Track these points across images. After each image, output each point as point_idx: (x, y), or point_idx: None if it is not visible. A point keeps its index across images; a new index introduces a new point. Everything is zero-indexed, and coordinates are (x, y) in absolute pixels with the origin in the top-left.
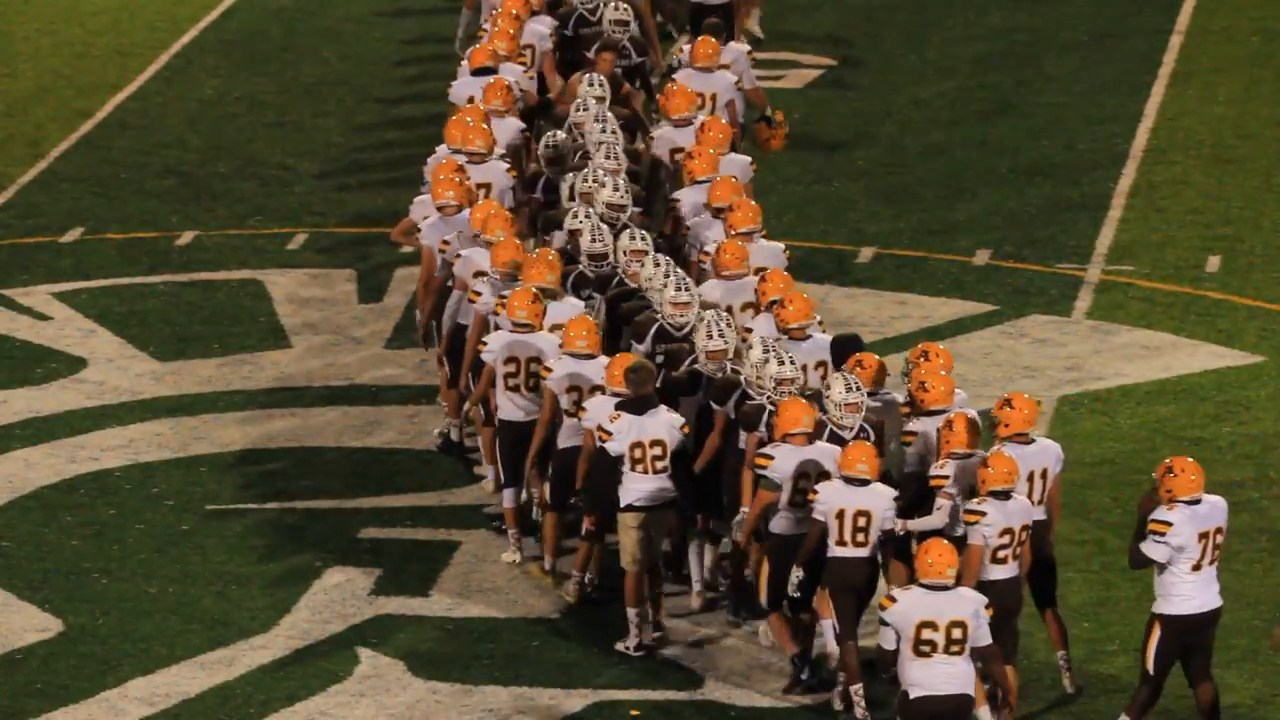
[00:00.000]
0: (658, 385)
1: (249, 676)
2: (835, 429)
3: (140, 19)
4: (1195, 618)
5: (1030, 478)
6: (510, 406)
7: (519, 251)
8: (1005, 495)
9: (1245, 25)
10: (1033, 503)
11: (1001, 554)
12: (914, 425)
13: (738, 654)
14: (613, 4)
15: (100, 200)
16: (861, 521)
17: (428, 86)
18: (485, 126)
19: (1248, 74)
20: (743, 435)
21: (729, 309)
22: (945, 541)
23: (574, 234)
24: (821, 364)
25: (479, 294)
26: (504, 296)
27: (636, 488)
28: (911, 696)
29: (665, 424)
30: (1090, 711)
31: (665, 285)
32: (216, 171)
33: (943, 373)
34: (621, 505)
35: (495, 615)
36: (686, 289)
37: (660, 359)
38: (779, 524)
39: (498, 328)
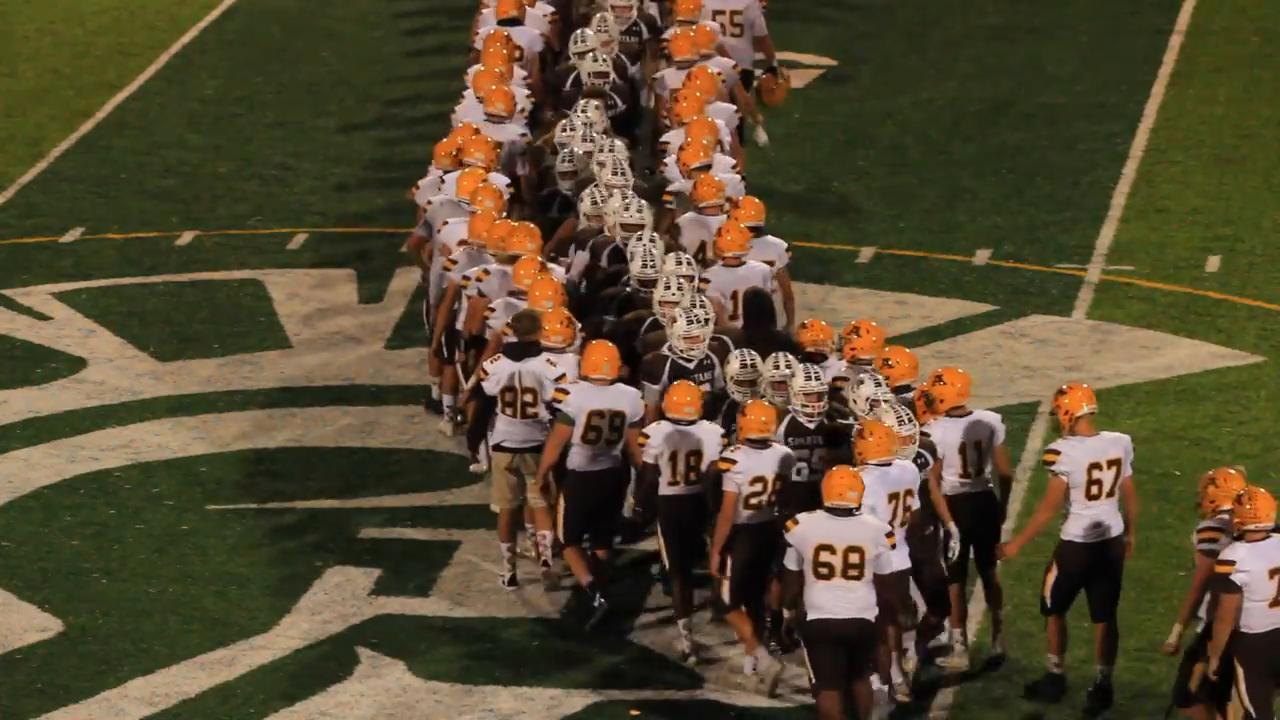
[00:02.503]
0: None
1: (249, 676)
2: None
3: (140, 19)
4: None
5: (963, 449)
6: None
7: (497, 223)
8: (762, 444)
9: (1245, 25)
10: (971, 475)
11: (754, 500)
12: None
13: (738, 654)
14: (590, 56)
15: (100, 200)
16: (693, 460)
17: (428, 86)
18: (508, 89)
19: (1248, 74)
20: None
21: (702, 245)
22: (849, 467)
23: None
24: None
25: (454, 262)
26: (488, 270)
27: (505, 429)
28: (810, 618)
29: (539, 371)
30: (1090, 712)
31: (678, 317)
32: (216, 171)
33: (905, 348)
34: (491, 444)
35: (495, 615)
36: (700, 322)
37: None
38: (574, 459)
39: (480, 295)
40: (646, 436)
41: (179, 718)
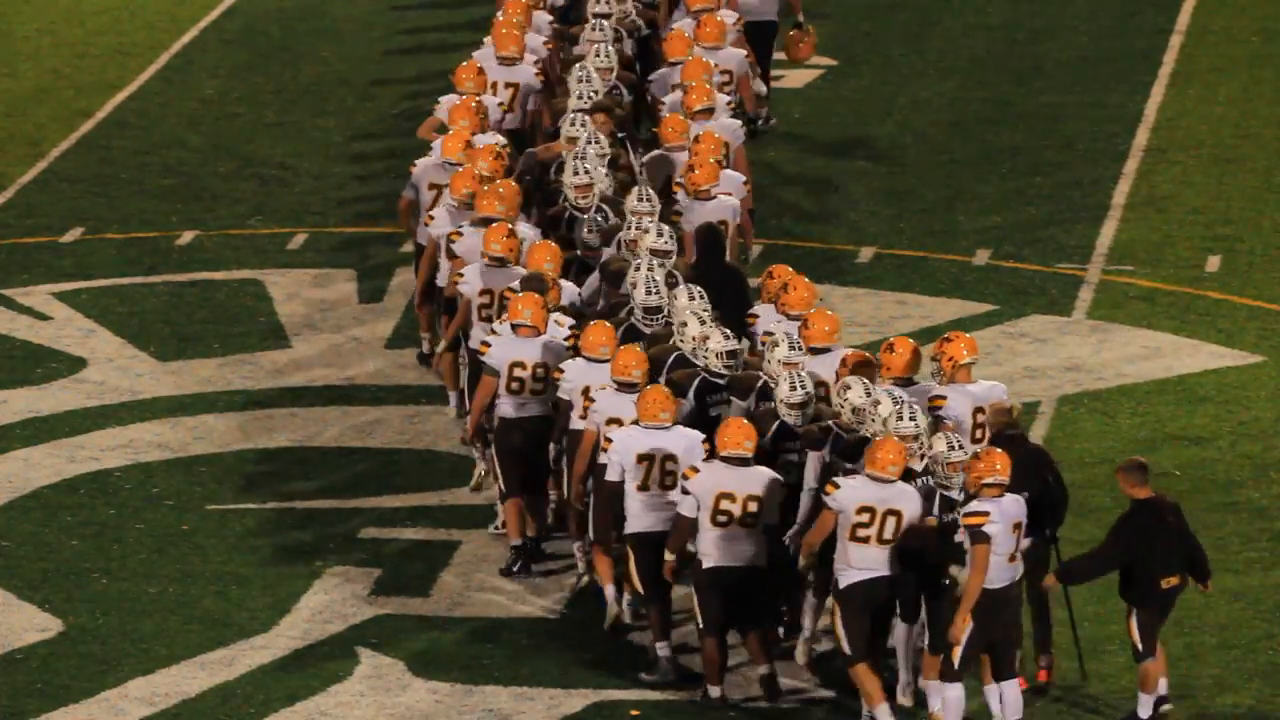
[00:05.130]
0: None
1: (249, 676)
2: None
3: (140, 19)
4: (650, 535)
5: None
6: (481, 337)
7: (475, 182)
8: (630, 388)
9: (1245, 25)
10: None
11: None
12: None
13: (738, 654)
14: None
15: (100, 200)
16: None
17: (428, 86)
18: (518, 33)
19: (1248, 74)
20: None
21: (669, 179)
22: (744, 420)
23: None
24: (722, 222)
25: (433, 218)
26: (460, 229)
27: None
28: (704, 566)
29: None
30: (1089, 711)
31: (710, 334)
32: (216, 171)
33: (827, 310)
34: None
35: (495, 615)
36: (729, 337)
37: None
38: (504, 408)
39: (452, 256)
40: (561, 372)
41: (179, 718)
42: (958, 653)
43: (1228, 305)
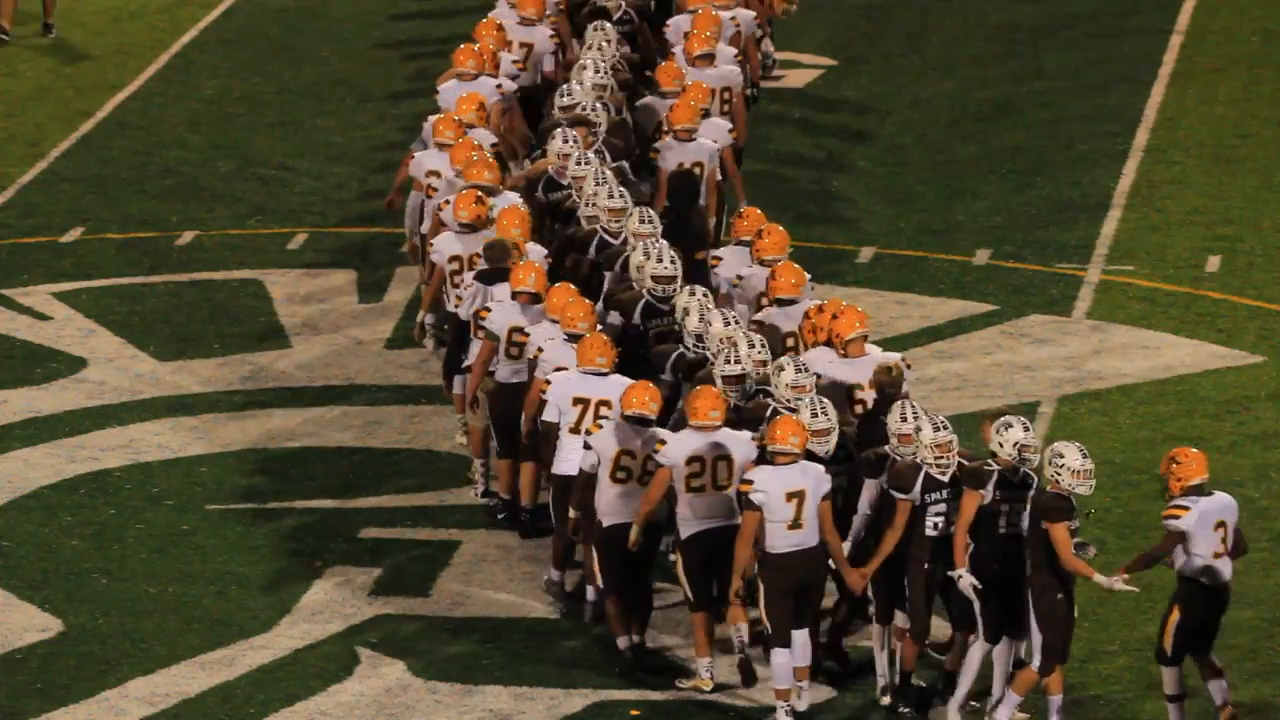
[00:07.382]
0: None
1: (249, 676)
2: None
3: (140, 19)
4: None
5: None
6: (457, 301)
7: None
8: (576, 339)
9: (1245, 25)
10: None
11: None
12: (761, 316)
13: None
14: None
15: (100, 200)
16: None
17: (428, 86)
18: None
19: (1248, 74)
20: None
21: (659, 125)
22: (650, 384)
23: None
24: (698, 164)
25: (435, 190)
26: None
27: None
28: (605, 525)
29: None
30: (1090, 712)
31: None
32: (216, 171)
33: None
34: (465, 365)
35: (495, 615)
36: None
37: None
38: (501, 373)
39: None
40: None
41: (179, 718)
42: (765, 619)
43: (1228, 305)
